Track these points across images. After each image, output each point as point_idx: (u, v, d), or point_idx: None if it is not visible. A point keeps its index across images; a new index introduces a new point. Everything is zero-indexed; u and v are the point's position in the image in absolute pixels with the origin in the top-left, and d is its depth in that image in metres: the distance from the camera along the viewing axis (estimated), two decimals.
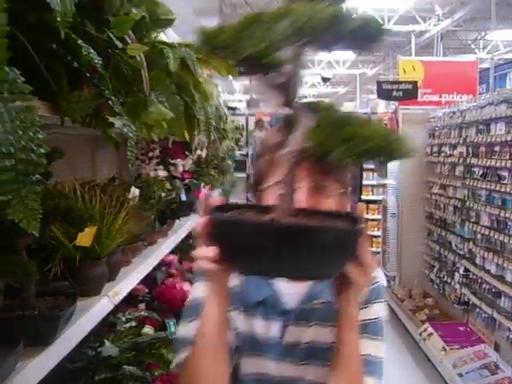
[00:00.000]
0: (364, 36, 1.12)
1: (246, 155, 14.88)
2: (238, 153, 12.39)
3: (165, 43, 2.39)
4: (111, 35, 1.45)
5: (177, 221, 3.62)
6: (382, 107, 19.05)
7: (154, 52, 2.04)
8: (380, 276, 1.62)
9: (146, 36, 2.03)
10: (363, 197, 10.89)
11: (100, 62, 1.34)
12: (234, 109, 16.39)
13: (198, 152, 4.12)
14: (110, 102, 1.41)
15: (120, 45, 1.48)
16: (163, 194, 2.94)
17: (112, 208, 1.94)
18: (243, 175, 14.71)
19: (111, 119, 1.44)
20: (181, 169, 3.92)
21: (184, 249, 4.13)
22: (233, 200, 14.17)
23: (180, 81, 2.33)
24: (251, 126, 15.43)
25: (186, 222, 3.96)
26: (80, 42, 1.30)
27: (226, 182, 6.50)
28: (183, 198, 3.78)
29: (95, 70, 1.36)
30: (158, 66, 1.99)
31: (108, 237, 1.88)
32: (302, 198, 1.36)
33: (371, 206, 10.77)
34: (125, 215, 1.99)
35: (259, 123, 15.51)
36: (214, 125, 3.91)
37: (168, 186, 3.38)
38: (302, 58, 1.13)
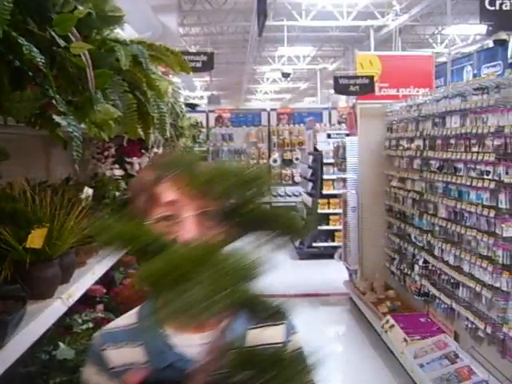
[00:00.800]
0: None
1: (207, 151, 14.89)
2: (197, 149, 12.37)
3: (116, 40, 2.35)
4: (54, 33, 1.43)
5: None
6: (343, 102, 19.20)
7: (104, 49, 2.01)
8: None
9: (97, 33, 2.01)
10: (324, 191, 10.96)
11: (43, 61, 1.32)
12: (194, 106, 16.35)
13: (155, 150, 4.09)
14: (54, 101, 1.39)
15: (63, 43, 1.45)
16: (117, 194, 2.90)
17: (63, 209, 1.91)
18: None
19: (57, 119, 1.42)
20: (137, 167, 3.90)
21: None
22: None
23: (132, 78, 2.31)
24: (212, 123, 15.44)
25: None
26: (21, 40, 1.28)
27: None
28: None
29: (38, 69, 1.34)
30: (107, 63, 1.96)
31: (59, 238, 1.85)
32: (190, 227, 1.32)
33: (332, 200, 10.84)
34: (77, 216, 1.97)
35: (219, 119, 15.55)
36: (170, 122, 3.89)
37: (124, 185, 3.35)
38: None
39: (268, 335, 1.45)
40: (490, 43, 14.79)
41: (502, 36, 14.56)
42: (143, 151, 4.08)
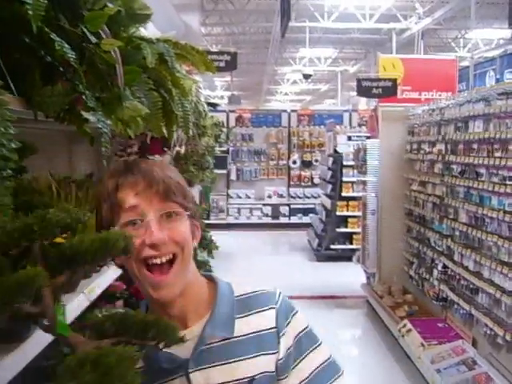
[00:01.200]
0: None
1: (227, 152, 14.94)
2: (218, 149, 12.40)
3: (142, 38, 2.37)
4: (85, 30, 1.44)
5: None
6: (364, 104, 19.15)
7: (131, 47, 2.02)
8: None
9: (124, 31, 2.02)
10: (343, 194, 10.93)
11: (74, 57, 1.33)
12: (215, 105, 16.39)
13: (177, 148, 4.11)
14: (83, 97, 1.40)
15: (94, 39, 1.47)
16: None
17: (88, 204, 1.93)
18: (224, 171, 14.82)
19: (85, 114, 1.43)
20: None
21: None
22: (213, 196, 14.24)
23: (158, 76, 2.32)
24: (232, 123, 15.48)
25: None
26: (53, 35, 1.29)
27: (206, 178, 6.49)
28: None
29: (69, 65, 1.35)
30: (135, 61, 1.97)
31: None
32: (155, 229, 1.36)
33: (351, 202, 10.80)
34: None
35: (240, 119, 15.59)
36: (193, 121, 3.90)
37: None
38: None
39: (256, 323, 1.49)
40: None
41: None
42: (165, 149, 4.09)
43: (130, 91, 1.83)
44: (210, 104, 15.89)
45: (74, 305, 1.80)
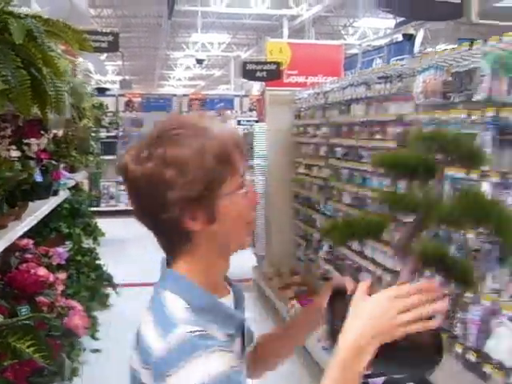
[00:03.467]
0: None
1: (116, 137, 14.63)
2: (106, 134, 12.13)
3: (10, 13, 2.26)
4: None
5: (31, 203, 3.48)
6: (256, 90, 19.30)
7: None
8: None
9: None
10: None
11: None
12: (104, 89, 16.06)
13: (54, 131, 3.96)
14: None
15: None
16: (9, 174, 2.78)
17: None
18: (113, 157, 14.49)
19: None
20: (35, 148, 3.76)
21: (41, 232, 3.98)
22: (103, 182, 13.94)
23: (27, 54, 2.23)
24: (122, 108, 15.20)
25: (43, 205, 3.81)
26: None
27: (90, 163, 6.31)
28: (38, 179, 3.63)
29: None
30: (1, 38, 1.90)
31: None
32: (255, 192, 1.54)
33: None
34: None
35: (130, 104, 15.33)
36: (70, 102, 3.78)
37: (20, 166, 3.22)
38: None
39: None
40: (399, 37, 15.20)
41: (409, 30, 15.05)
42: (42, 132, 3.94)
43: None
44: (98, 89, 15.51)
45: None
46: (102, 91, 15.23)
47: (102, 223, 7.75)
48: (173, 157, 1.33)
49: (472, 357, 3.56)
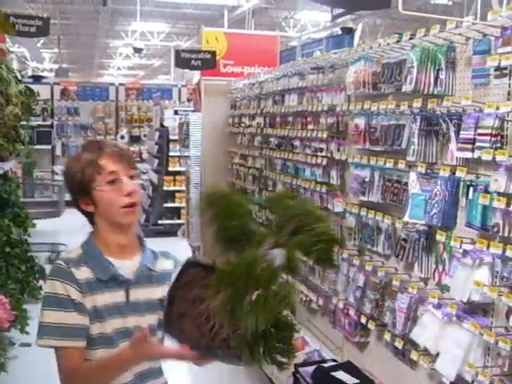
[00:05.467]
0: None
1: (51, 126, 14.31)
2: (39, 123, 11.83)
3: None
4: None
5: None
6: (196, 80, 19.16)
7: None
8: None
9: None
10: (170, 168, 10.87)
11: None
12: (38, 77, 15.68)
13: None
14: None
15: None
16: None
17: None
18: (48, 147, 14.17)
19: None
20: None
21: None
22: (37, 172, 13.61)
23: None
24: (57, 96, 14.86)
25: None
26: None
27: (20, 152, 6.12)
28: None
29: None
30: None
31: None
32: (129, 183, 2.15)
33: (178, 177, 10.77)
34: None
35: (65, 92, 15.00)
36: None
37: None
38: None
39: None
40: (338, 31, 15.34)
41: (348, 24, 15.20)
42: None
43: None
44: (33, 76, 15.15)
45: None
46: (37, 79, 14.87)
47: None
48: (66, 167, 2.25)
49: (399, 344, 3.61)
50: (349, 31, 14.79)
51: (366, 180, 4.02)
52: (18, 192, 7.17)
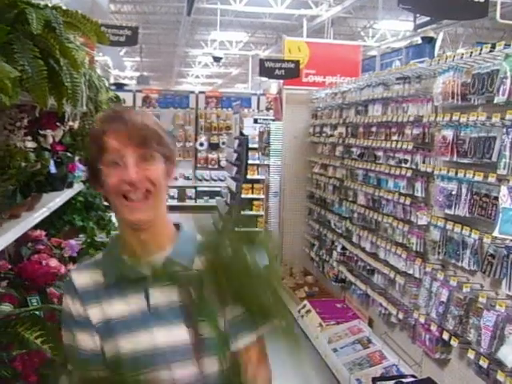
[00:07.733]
0: None
1: None
2: None
3: (28, 3, 2.25)
4: None
5: (45, 194, 3.47)
6: (274, 89, 19.24)
7: (17, 12, 1.93)
8: None
9: None
10: (248, 176, 10.91)
11: None
12: (121, 85, 16.11)
13: (70, 123, 3.95)
14: None
15: None
16: (23, 165, 2.77)
17: None
18: None
19: None
20: (51, 140, 3.75)
21: (54, 224, 3.97)
22: None
23: (45, 45, 2.22)
24: (139, 103, 15.20)
25: (57, 197, 3.80)
26: None
27: None
28: (52, 170, 3.61)
29: None
30: (8, 19, 1.88)
31: None
32: (132, 170, 1.63)
33: (256, 185, 10.80)
34: None
35: (147, 100, 15.33)
36: (87, 94, 3.76)
37: (33, 156, 3.21)
38: None
39: None
40: (418, 40, 15.08)
41: (429, 33, 14.92)
42: (58, 124, 3.94)
43: (13, 59, 1.75)
44: (116, 84, 15.51)
45: None
46: (119, 86, 15.25)
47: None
48: None
49: (484, 363, 3.51)
50: (429, 40, 14.49)
51: (453, 193, 3.94)
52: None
